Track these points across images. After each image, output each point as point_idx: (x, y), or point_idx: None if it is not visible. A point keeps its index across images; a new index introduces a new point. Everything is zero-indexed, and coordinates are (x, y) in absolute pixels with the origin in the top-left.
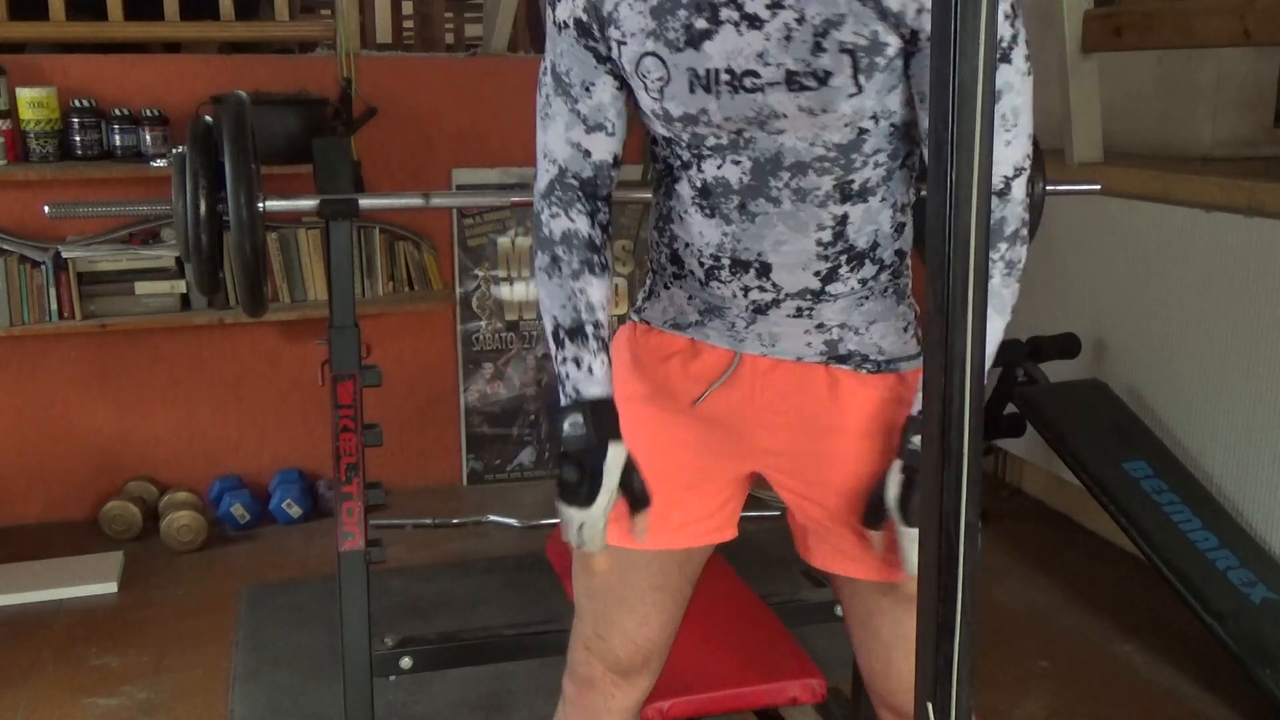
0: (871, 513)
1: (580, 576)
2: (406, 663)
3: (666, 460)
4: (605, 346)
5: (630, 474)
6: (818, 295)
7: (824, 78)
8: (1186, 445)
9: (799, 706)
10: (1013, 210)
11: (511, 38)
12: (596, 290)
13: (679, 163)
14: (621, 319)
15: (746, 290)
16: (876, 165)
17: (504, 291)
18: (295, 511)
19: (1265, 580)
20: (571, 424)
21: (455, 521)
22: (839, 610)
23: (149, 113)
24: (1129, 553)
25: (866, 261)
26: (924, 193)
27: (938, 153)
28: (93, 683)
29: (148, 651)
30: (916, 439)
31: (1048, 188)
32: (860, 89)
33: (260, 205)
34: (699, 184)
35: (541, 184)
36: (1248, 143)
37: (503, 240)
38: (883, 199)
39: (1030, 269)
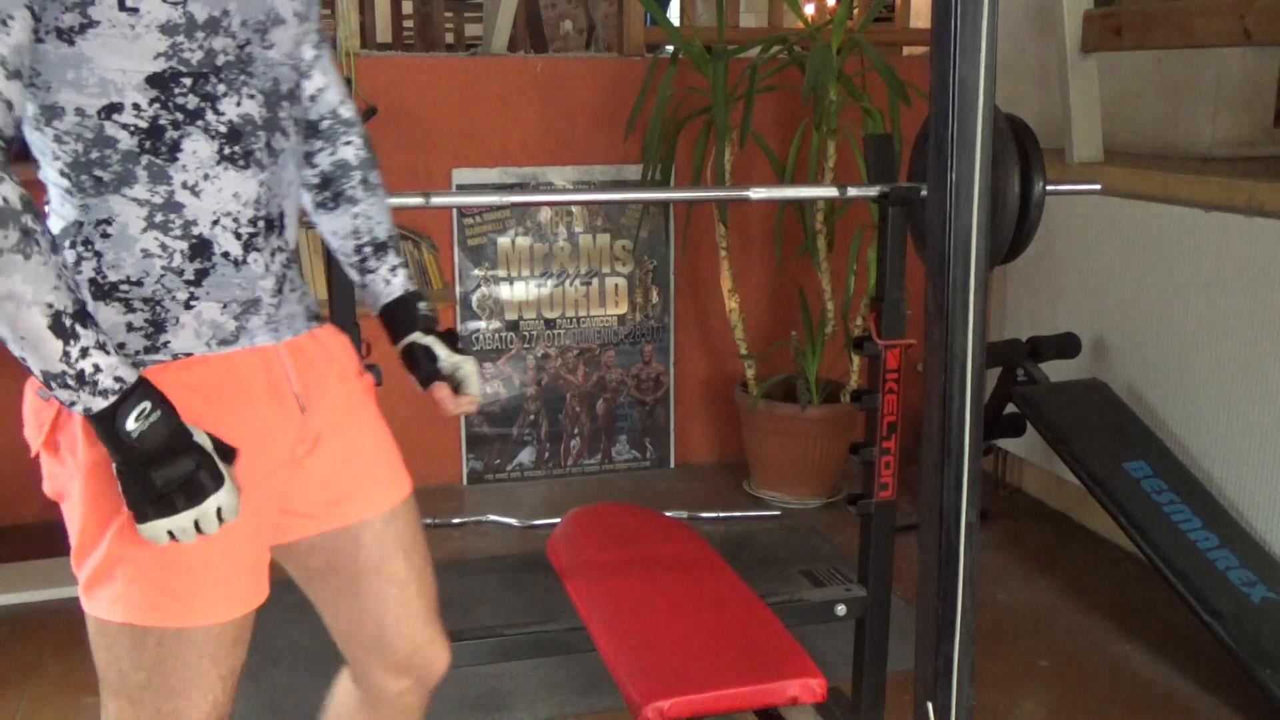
0: (431, 372)
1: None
2: None
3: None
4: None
5: (216, 443)
6: (289, 256)
7: None
8: (1187, 445)
9: (799, 706)
10: None
11: (511, 37)
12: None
13: (182, 115)
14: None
15: (274, 255)
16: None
17: (504, 291)
18: None
19: (1265, 580)
20: (139, 415)
21: (455, 521)
22: (840, 610)
23: None
24: (1129, 552)
25: (291, 215)
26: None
27: (938, 152)
28: (93, 683)
29: None
30: (422, 305)
31: (1047, 187)
32: None
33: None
34: (224, 129)
35: None
36: (1247, 142)
37: (503, 240)
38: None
39: (1030, 269)
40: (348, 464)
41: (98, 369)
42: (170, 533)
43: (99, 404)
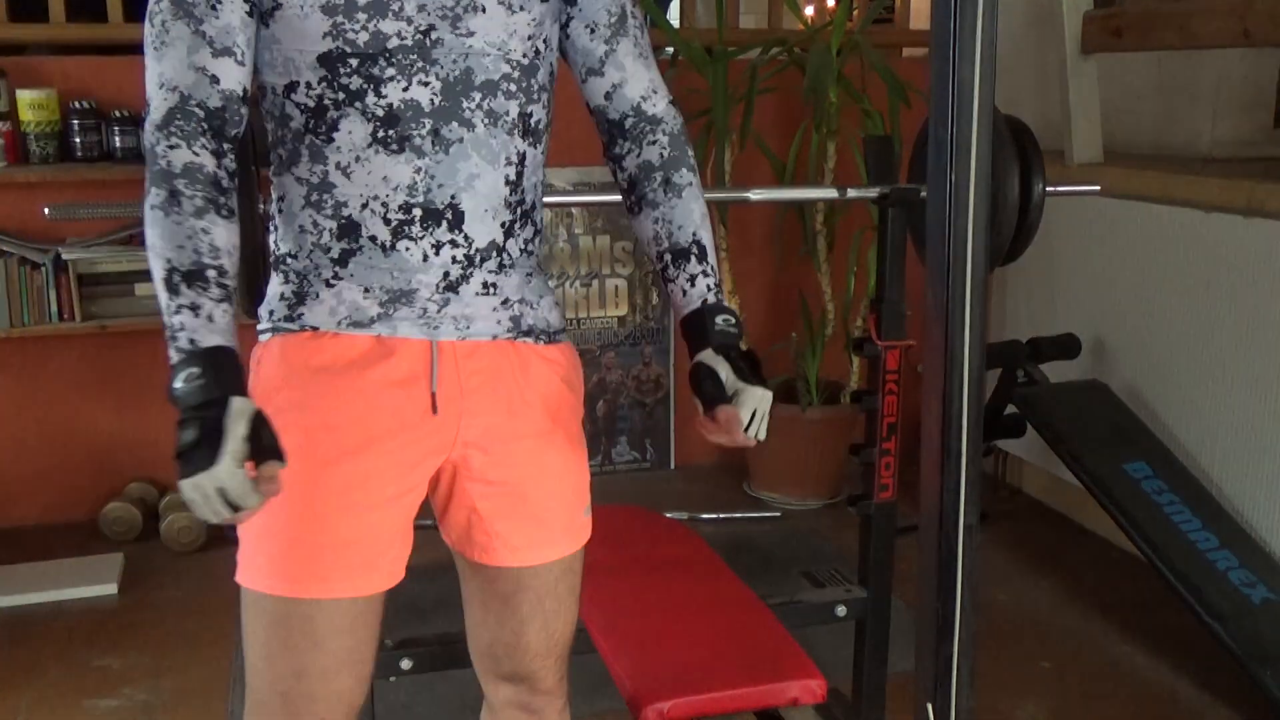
0: (715, 396)
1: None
2: (407, 664)
3: (345, 497)
4: (229, 295)
5: (260, 427)
6: (500, 256)
7: None
8: (1186, 445)
9: (799, 707)
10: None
11: None
12: (223, 232)
13: (344, 95)
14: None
15: (439, 249)
16: (544, 106)
17: None
18: None
19: (1265, 581)
20: (187, 378)
21: None
22: (840, 611)
23: None
24: (1129, 553)
25: (529, 222)
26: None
27: (937, 154)
28: (93, 684)
29: (148, 653)
30: (719, 319)
31: (1047, 188)
32: None
33: (261, 207)
34: (381, 113)
35: (158, 115)
36: (1247, 143)
37: None
38: (543, 152)
39: (1030, 270)
40: (522, 503)
41: (182, 327)
42: (198, 500)
43: (173, 357)
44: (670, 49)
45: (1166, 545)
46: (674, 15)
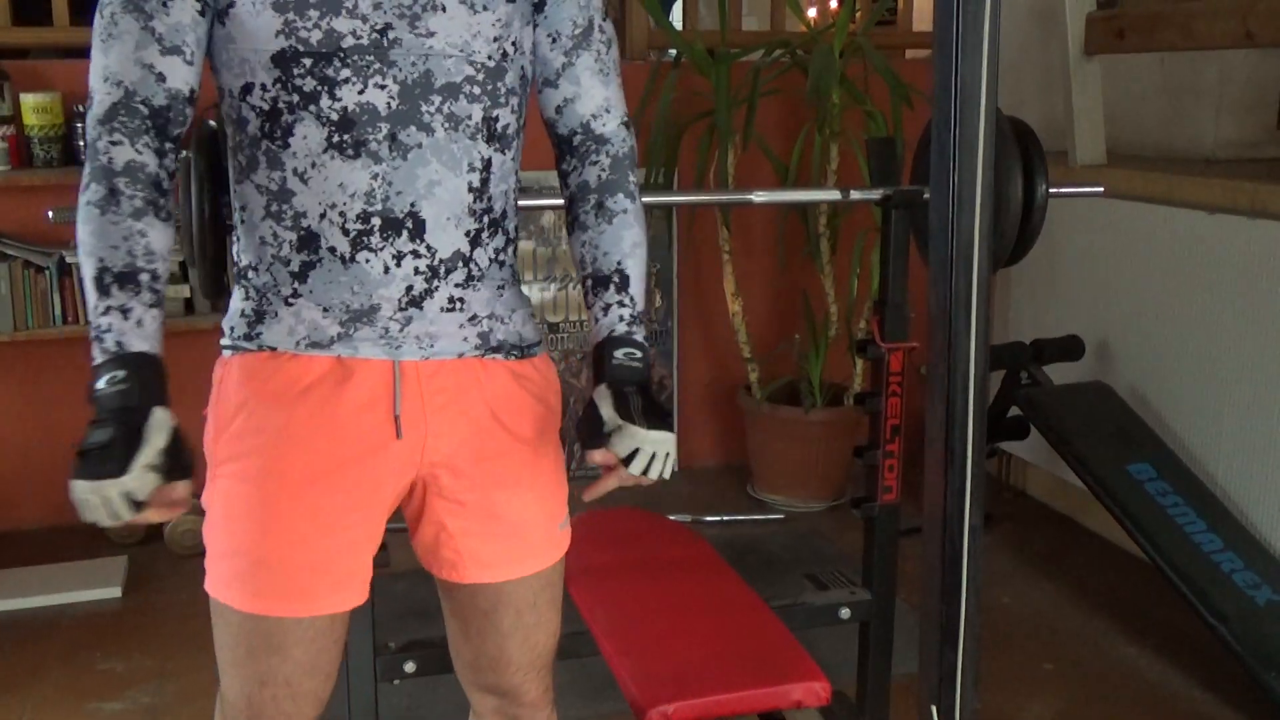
0: (590, 435)
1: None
2: (410, 667)
3: (309, 523)
4: (160, 301)
5: (178, 443)
6: (468, 267)
7: None
8: (1191, 447)
9: (803, 710)
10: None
11: None
12: (159, 236)
13: (298, 98)
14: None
15: (400, 259)
16: (512, 111)
17: None
18: None
19: (1270, 583)
20: (111, 380)
21: None
22: (844, 613)
23: None
24: (1133, 555)
25: (499, 231)
26: (927, 196)
27: (940, 155)
28: (97, 687)
29: (152, 656)
30: (620, 352)
31: (1050, 190)
32: None
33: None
34: (335, 116)
35: (100, 109)
36: (1251, 144)
37: None
38: (513, 159)
39: (1033, 271)
40: (494, 521)
41: (109, 328)
42: (95, 503)
43: (97, 357)
44: (673, 51)
45: (1171, 547)
46: (676, 17)
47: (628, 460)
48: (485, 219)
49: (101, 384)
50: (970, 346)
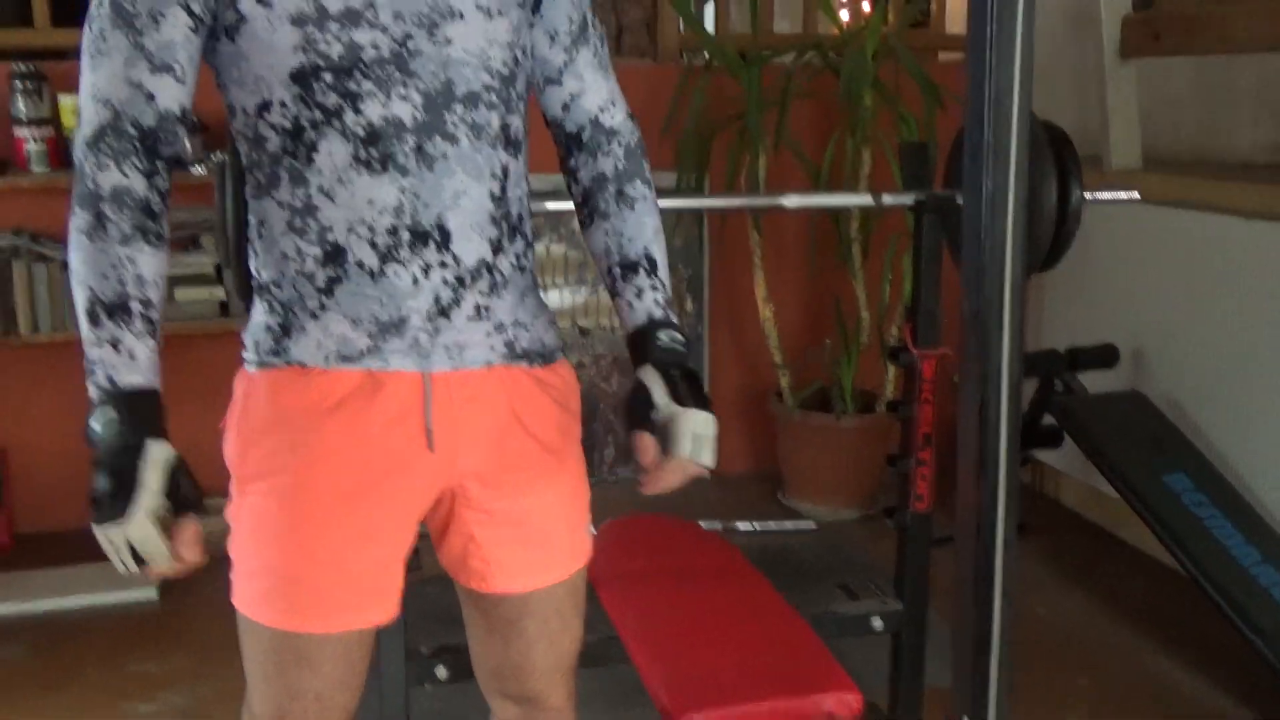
0: (639, 418)
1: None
2: (443, 672)
3: (343, 545)
4: (154, 330)
5: (179, 477)
6: (491, 275)
7: None
8: (1227, 457)
9: None
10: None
11: None
12: (149, 262)
13: (320, 115)
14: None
15: (428, 271)
16: (522, 116)
17: None
18: None
19: None
20: (105, 422)
21: None
22: (876, 623)
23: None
24: (1169, 567)
25: (518, 236)
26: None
27: (973, 160)
28: (132, 689)
29: (188, 657)
30: (663, 334)
31: (1085, 195)
32: None
33: None
34: (362, 131)
35: (88, 131)
36: None
37: (536, 248)
38: (524, 163)
39: (1068, 278)
40: (522, 530)
41: (101, 361)
42: (110, 550)
43: (92, 395)
44: (705, 53)
45: (1207, 559)
46: (708, 20)
47: (675, 446)
48: (505, 225)
49: (96, 425)
50: (1004, 354)
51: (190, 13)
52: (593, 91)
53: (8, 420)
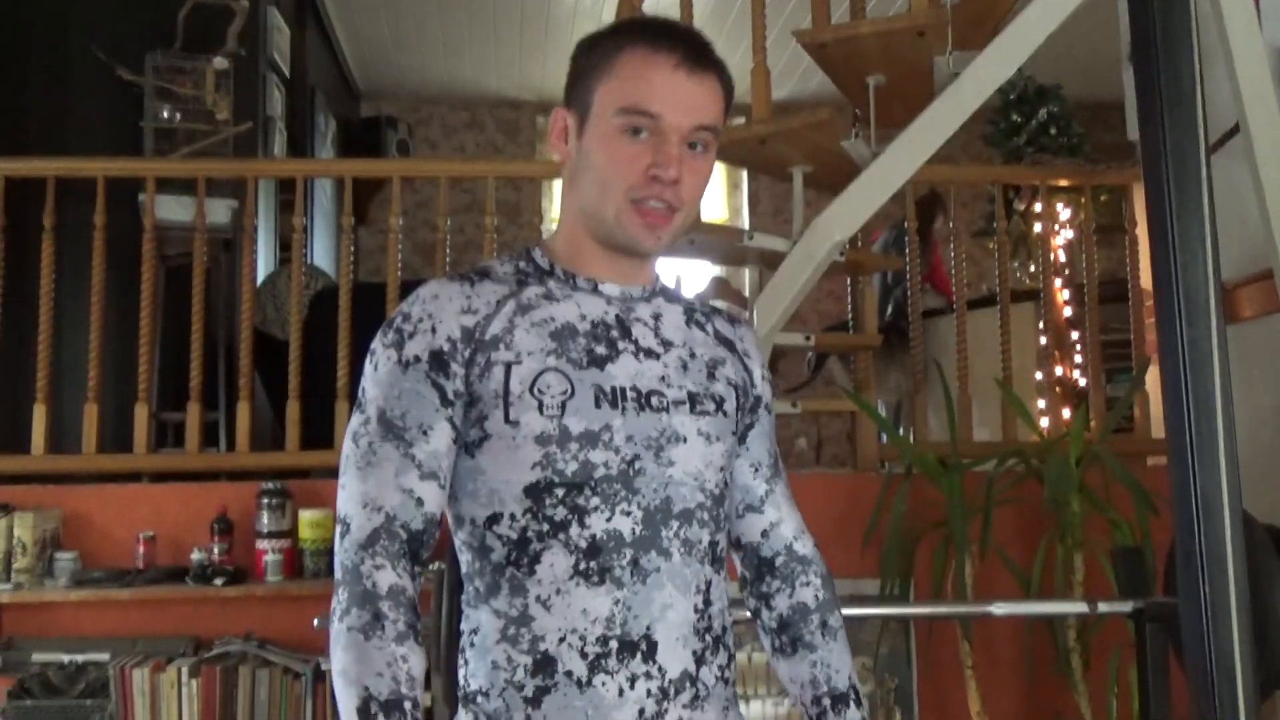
0: None
1: None
2: None
3: None
4: None
5: None
6: (695, 686)
7: (720, 402)
8: None
9: None
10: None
11: None
12: (419, 661)
13: (548, 527)
14: None
15: (634, 682)
16: (725, 534)
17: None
18: None
19: None
20: None
21: None
22: None
23: None
24: None
25: (721, 647)
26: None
27: (1186, 566)
28: None
29: None
30: (852, 713)
31: None
32: (737, 426)
33: None
34: (584, 544)
35: (361, 534)
36: None
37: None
38: (724, 578)
39: None
40: None
41: None
42: None
43: None
44: (905, 461)
45: None
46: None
47: None
48: (708, 636)
49: None
50: (1223, 487)
51: (453, 425)
52: (789, 521)
53: None
